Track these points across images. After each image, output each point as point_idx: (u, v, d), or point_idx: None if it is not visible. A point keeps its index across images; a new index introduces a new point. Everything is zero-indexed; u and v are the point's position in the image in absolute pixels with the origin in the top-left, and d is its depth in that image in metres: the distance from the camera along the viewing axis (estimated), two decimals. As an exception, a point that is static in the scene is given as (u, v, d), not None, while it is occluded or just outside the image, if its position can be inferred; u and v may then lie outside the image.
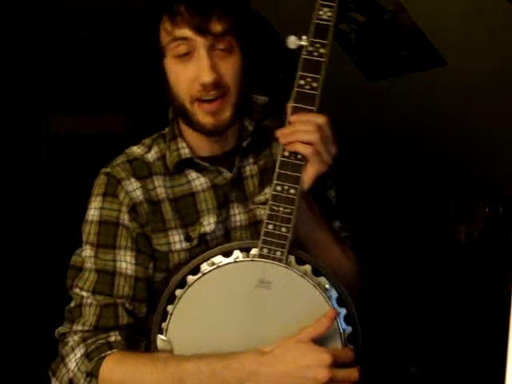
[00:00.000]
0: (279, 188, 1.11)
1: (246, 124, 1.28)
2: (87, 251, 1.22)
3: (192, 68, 1.17)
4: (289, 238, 1.10)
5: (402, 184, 2.71)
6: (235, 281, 1.11)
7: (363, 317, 1.13)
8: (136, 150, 1.29)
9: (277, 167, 1.12)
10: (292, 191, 1.10)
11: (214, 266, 1.11)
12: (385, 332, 2.31)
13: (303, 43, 1.13)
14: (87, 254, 1.22)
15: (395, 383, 2.37)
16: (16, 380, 2.51)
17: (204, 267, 1.12)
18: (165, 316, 1.12)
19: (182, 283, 1.13)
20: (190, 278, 1.12)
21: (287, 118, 1.12)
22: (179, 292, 1.12)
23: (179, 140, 1.27)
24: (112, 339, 1.17)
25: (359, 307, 1.13)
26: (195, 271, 1.13)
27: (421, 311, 2.49)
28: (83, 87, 3.09)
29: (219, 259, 1.13)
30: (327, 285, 1.11)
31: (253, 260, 1.11)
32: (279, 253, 1.10)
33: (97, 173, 1.28)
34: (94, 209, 1.24)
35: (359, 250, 1.32)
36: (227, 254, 1.13)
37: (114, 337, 1.17)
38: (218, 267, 1.11)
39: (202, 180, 1.26)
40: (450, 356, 2.33)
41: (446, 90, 2.26)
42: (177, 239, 1.23)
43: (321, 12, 1.13)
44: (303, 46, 1.13)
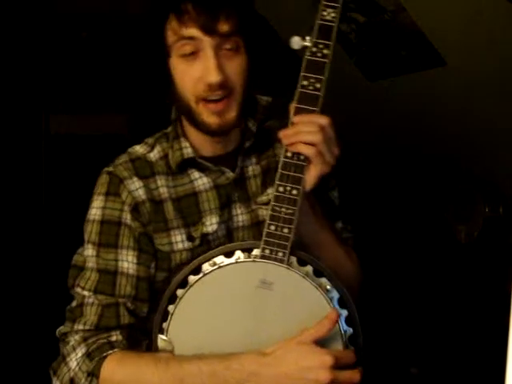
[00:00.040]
0: (281, 189, 1.10)
1: (250, 124, 1.27)
2: (89, 250, 1.22)
3: (198, 68, 1.16)
4: (290, 239, 1.09)
5: (402, 184, 2.71)
6: (236, 281, 1.11)
7: (363, 317, 1.13)
8: (139, 150, 1.29)
9: (279, 168, 1.11)
10: (294, 192, 1.10)
11: (216, 267, 1.11)
12: (385, 332, 2.31)
13: (307, 44, 1.13)
14: (89, 254, 1.22)
15: None
16: (17, 379, 2.51)
17: (205, 267, 1.12)
18: (166, 316, 1.12)
19: (184, 283, 1.13)
20: (192, 278, 1.12)
21: (290, 119, 1.12)
22: (180, 292, 1.12)
23: (182, 140, 1.26)
24: (113, 339, 1.17)
25: (360, 308, 1.13)
26: (197, 271, 1.13)
27: (421, 311, 2.48)
28: (83, 87, 3.08)
29: (221, 259, 1.12)
30: (329, 286, 1.11)
31: (254, 261, 1.11)
32: (281, 254, 1.09)
33: (97, 173, 1.27)
34: (96, 208, 1.23)
35: (360, 251, 1.32)
36: (229, 255, 1.13)
37: (116, 336, 1.17)
38: (220, 267, 1.11)
39: (205, 180, 1.26)
40: (451, 356, 2.33)
41: (446, 90, 2.26)
42: (179, 239, 1.23)
43: (324, 13, 1.13)
44: (307, 47, 1.13)
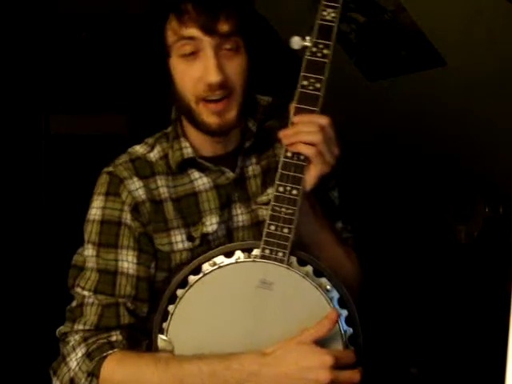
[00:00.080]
0: (281, 189, 1.10)
1: (250, 124, 1.27)
2: (89, 250, 1.22)
3: (198, 68, 1.16)
4: (290, 239, 1.09)
5: (402, 184, 2.71)
6: (236, 281, 1.11)
7: (363, 317, 1.13)
8: (139, 150, 1.29)
9: (279, 168, 1.11)
10: (294, 192, 1.10)
11: (216, 267, 1.11)
12: (385, 332, 2.31)
13: (307, 44, 1.13)
14: (89, 254, 1.22)
15: (395, 384, 2.38)
16: (17, 379, 2.51)
17: (205, 267, 1.12)
18: (166, 316, 1.12)
19: (184, 283, 1.13)
20: (192, 278, 1.12)
21: (290, 119, 1.12)
22: (180, 292, 1.12)
23: (182, 140, 1.26)
24: (113, 339, 1.16)
25: (360, 308, 1.13)
26: (196, 271, 1.13)
27: (421, 311, 2.48)
28: (83, 87, 3.09)
29: (221, 259, 1.12)
30: (329, 286, 1.11)
31: (254, 261, 1.11)
32: (281, 254, 1.09)
33: (97, 173, 1.27)
34: (96, 208, 1.23)
35: (360, 251, 1.32)
36: (229, 255, 1.13)
37: (116, 336, 1.17)
38: (220, 267, 1.11)
39: (205, 180, 1.25)
40: (451, 356, 2.33)
41: (446, 90, 2.26)
42: (179, 239, 1.23)
43: (324, 13, 1.13)
44: (307, 47, 1.13)
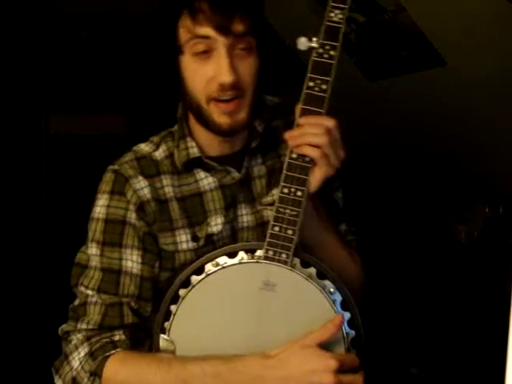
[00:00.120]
0: (286, 190, 1.10)
1: (256, 124, 1.26)
2: (93, 249, 1.21)
3: (210, 67, 1.15)
4: (294, 241, 1.09)
5: (402, 184, 2.71)
6: (239, 282, 1.11)
7: (364, 317, 1.13)
8: (144, 148, 1.27)
9: (284, 169, 1.11)
10: (299, 193, 1.09)
11: (219, 267, 1.11)
12: (385, 332, 2.31)
13: (313, 45, 1.12)
14: (93, 252, 1.21)
15: (396, 384, 2.38)
16: (19, 377, 2.51)
17: (208, 268, 1.12)
18: (168, 315, 1.12)
19: (186, 283, 1.12)
20: (194, 278, 1.12)
21: (296, 120, 1.11)
22: (183, 292, 1.12)
23: (188, 139, 1.25)
24: (116, 338, 1.16)
25: (361, 309, 1.13)
26: (199, 271, 1.12)
27: (421, 311, 2.48)
28: (83, 87, 3.09)
29: (224, 260, 1.12)
30: (332, 288, 1.11)
31: (258, 262, 1.10)
32: (284, 255, 1.09)
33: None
34: (101, 206, 1.22)
35: (362, 252, 1.32)
36: (232, 255, 1.12)
37: (119, 336, 1.16)
38: (223, 268, 1.11)
39: (210, 180, 1.25)
40: (451, 356, 2.33)
41: (446, 90, 2.25)
42: (183, 239, 1.22)
43: (332, 14, 1.12)
44: (313, 48, 1.12)
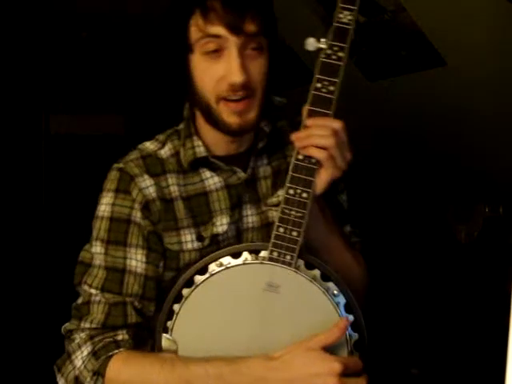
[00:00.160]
0: (292, 191, 1.09)
1: (262, 125, 1.25)
2: (97, 247, 1.20)
3: (221, 66, 1.14)
4: (299, 242, 1.09)
5: (402, 184, 2.71)
6: (243, 283, 1.10)
7: (365, 319, 1.12)
8: (149, 146, 1.26)
9: (290, 170, 1.10)
10: (304, 195, 1.09)
11: (223, 267, 1.11)
12: (386, 333, 2.31)
13: (322, 46, 1.11)
14: (97, 251, 1.20)
15: (396, 384, 2.37)
16: (21, 375, 2.51)
17: (212, 268, 1.12)
18: (171, 315, 1.12)
19: (190, 282, 1.12)
20: (198, 278, 1.12)
21: (303, 121, 1.11)
22: (186, 291, 1.11)
23: (195, 138, 1.24)
24: (119, 338, 1.16)
25: (364, 311, 1.13)
26: (203, 271, 1.12)
27: (421, 312, 2.48)
28: (83, 87, 3.09)
29: (228, 260, 1.12)
30: (336, 290, 1.10)
31: (262, 263, 1.10)
32: (289, 257, 1.09)
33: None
34: (106, 204, 1.21)
35: (365, 253, 1.31)
36: (236, 256, 1.12)
37: (122, 335, 1.16)
38: (227, 268, 1.11)
39: (216, 179, 1.24)
40: (451, 357, 2.33)
41: (446, 90, 2.25)
42: (188, 239, 1.21)
43: (341, 15, 1.11)
44: (321, 49, 1.11)
